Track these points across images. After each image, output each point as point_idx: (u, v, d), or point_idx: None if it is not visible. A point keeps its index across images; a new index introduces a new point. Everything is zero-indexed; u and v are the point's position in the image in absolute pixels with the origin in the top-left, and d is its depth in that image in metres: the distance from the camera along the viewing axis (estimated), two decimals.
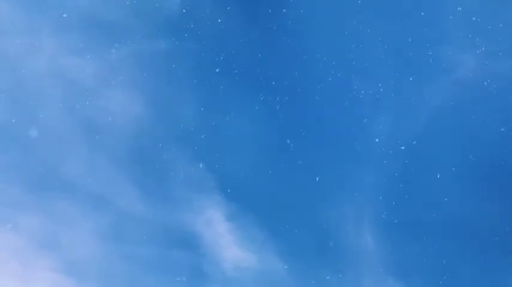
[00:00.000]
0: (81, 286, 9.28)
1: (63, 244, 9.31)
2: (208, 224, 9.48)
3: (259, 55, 9.33)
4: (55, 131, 9.17)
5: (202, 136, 9.37)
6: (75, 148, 9.22)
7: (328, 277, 9.32)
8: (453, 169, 9.26)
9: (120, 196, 9.34)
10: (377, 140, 9.30)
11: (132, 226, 9.42)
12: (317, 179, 9.41)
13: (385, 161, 9.34)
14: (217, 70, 9.31)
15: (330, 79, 9.37)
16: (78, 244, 9.34)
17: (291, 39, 9.30)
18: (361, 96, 9.34)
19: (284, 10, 9.29)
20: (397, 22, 9.23)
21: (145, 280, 9.41)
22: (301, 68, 9.34)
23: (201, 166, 9.35)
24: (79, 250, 9.35)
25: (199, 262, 9.48)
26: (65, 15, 8.90)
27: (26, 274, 9.20)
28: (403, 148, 9.26)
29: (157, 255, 9.44)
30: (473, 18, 9.02)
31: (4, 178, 9.07)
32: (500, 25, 8.97)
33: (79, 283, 9.28)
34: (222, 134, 9.42)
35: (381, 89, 9.31)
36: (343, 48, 9.32)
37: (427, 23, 9.15)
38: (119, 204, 9.36)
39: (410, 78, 9.25)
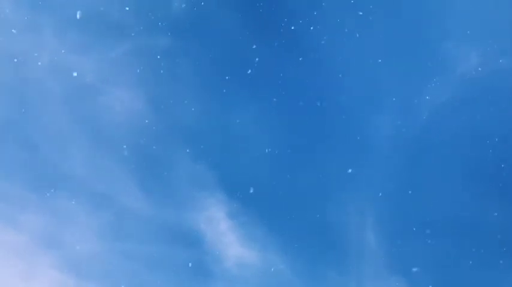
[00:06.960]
0: (83, 284, 9.29)
1: (66, 242, 9.32)
2: (210, 222, 9.47)
3: (262, 54, 9.30)
4: (57, 129, 9.15)
5: (205, 134, 9.37)
6: (77, 146, 9.21)
7: (330, 275, 9.34)
8: (456, 167, 9.25)
9: (122, 194, 9.34)
10: (380, 138, 9.29)
11: (134, 224, 9.43)
12: (319, 177, 9.41)
13: (388, 159, 9.33)
14: (219, 68, 9.29)
15: (332, 77, 9.35)
16: (80, 242, 9.34)
17: (293, 38, 9.26)
18: (363, 94, 9.32)
19: (287, 8, 9.26)
20: (400, 19, 9.19)
21: (147, 278, 9.42)
22: (303, 67, 9.32)
23: (203, 164, 9.35)
24: (81, 248, 9.35)
25: (201, 259, 9.49)
26: (68, 13, 8.88)
27: (28, 272, 9.21)
28: (406, 146, 9.26)
29: (160, 253, 9.45)
30: (477, 15, 8.98)
31: (6, 175, 9.06)
32: (504, 22, 8.94)
33: (81, 281, 9.29)
34: (225, 132, 9.41)
35: (384, 87, 9.30)
36: (345, 46, 9.29)
37: (431, 19, 9.11)
38: (121, 202, 9.36)
39: (413, 76, 9.22)
